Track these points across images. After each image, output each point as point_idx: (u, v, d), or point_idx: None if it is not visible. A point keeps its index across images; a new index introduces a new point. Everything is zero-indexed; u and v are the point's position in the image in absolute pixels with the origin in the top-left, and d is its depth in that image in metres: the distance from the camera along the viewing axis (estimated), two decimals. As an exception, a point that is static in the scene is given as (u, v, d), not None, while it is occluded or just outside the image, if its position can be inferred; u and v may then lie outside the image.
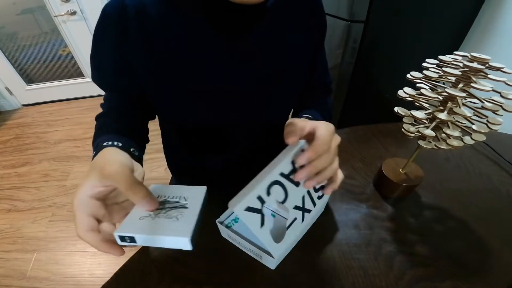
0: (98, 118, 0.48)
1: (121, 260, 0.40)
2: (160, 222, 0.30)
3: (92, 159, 0.34)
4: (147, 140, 0.51)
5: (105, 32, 0.42)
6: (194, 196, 0.34)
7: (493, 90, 0.31)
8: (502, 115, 0.33)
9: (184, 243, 0.28)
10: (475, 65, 0.31)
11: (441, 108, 0.36)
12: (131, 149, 0.38)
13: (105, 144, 0.36)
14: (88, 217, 0.29)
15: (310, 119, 0.44)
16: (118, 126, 0.44)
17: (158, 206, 0.31)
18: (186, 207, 0.32)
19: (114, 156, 0.33)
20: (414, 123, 0.39)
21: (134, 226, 0.29)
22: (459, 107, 0.33)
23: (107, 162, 0.31)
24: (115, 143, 0.37)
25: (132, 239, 0.29)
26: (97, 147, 0.36)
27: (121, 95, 0.51)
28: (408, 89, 0.38)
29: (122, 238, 0.29)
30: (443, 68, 0.34)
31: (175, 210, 0.31)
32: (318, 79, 0.57)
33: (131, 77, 0.45)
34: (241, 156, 0.59)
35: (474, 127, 0.34)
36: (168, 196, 0.34)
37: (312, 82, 0.57)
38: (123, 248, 0.30)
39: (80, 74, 2.35)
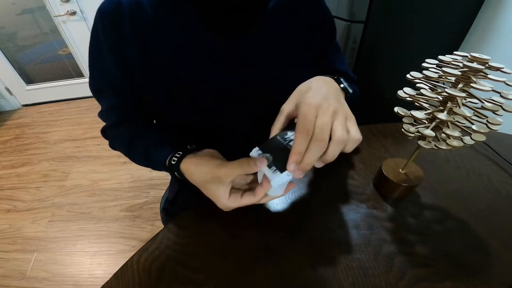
0: (124, 132, 0.52)
1: (121, 260, 0.40)
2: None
3: (175, 176, 0.42)
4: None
5: (101, 29, 0.42)
6: None
7: (493, 90, 0.31)
8: (502, 115, 0.33)
9: None
10: (475, 65, 0.31)
11: (441, 108, 0.36)
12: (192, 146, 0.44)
13: (180, 160, 0.41)
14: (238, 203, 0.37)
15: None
16: (161, 135, 0.49)
17: (267, 162, 0.34)
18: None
19: (207, 161, 0.39)
20: (414, 123, 0.39)
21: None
22: (459, 107, 0.33)
23: (213, 168, 0.37)
24: (189, 147, 0.43)
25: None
26: (175, 166, 0.41)
27: (123, 100, 0.50)
28: (408, 89, 0.38)
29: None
30: (443, 68, 0.34)
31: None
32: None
33: (130, 74, 0.45)
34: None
35: (474, 127, 0.34)
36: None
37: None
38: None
39: (79, 75, 2.35)
